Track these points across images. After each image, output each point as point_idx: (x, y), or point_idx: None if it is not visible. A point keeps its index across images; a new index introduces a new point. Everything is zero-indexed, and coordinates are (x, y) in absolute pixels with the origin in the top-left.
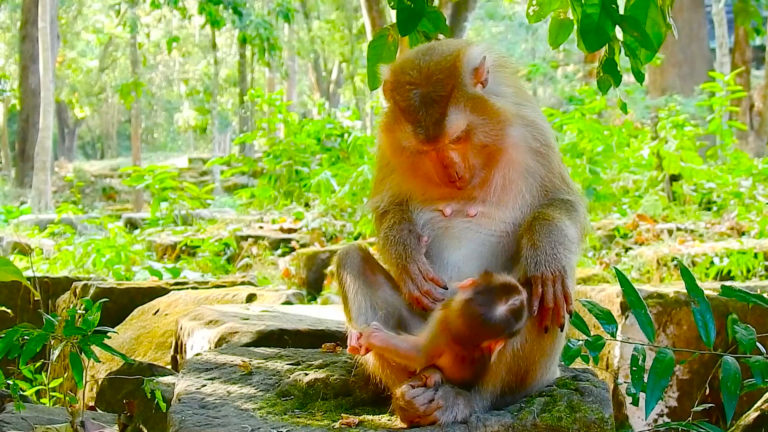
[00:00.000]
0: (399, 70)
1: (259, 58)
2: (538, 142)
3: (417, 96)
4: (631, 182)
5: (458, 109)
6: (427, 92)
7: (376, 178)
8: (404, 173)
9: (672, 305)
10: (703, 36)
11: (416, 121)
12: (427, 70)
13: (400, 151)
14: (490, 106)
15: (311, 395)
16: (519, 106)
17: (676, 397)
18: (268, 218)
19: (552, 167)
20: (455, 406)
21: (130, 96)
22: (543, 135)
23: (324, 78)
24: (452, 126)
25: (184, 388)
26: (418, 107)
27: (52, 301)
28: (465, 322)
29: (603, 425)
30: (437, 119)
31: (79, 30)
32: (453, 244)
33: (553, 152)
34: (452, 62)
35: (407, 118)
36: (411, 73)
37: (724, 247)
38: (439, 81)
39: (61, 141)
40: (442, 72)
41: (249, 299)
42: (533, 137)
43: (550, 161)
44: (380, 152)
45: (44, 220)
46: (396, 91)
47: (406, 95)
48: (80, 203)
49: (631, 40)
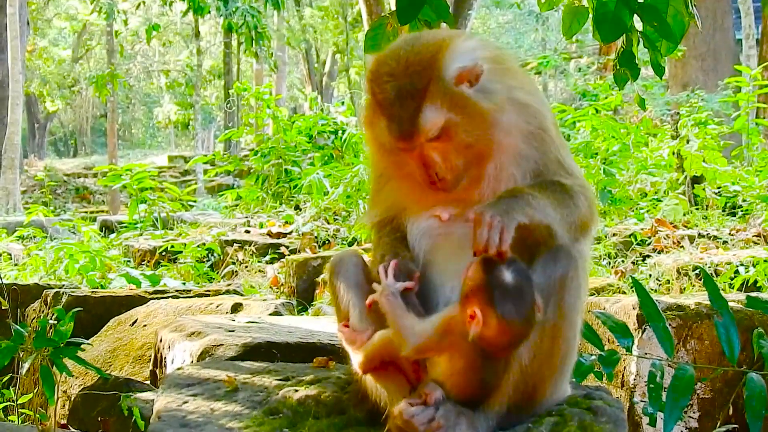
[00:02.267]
0: (381, 59)
1: (246, 49)
2: (531, 125)
3: (393, 88)
4: (649, 185)
5: (435, 105)
6: (403, 85)
7: (372, 190)
8: (391, 174)
9: (693, 318)
10: (728, 26)
11: (391, 115)
12: (405, 61)
13: (383, 148)
14: (472, 104)
15: (301, 414)
16: (512, 89)
17: (696, 417)
18: (256, 222)
19: (547, 150)
20: (457, 426)
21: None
22: (536, 117)
23: (316, 70)
24: (427, 122)
25: (164, 405)
26: (393, 100)
27: (21, 310)
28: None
29: None
30: (411, 114)
31: (50, 17)
32: (455, 253)
33: (549, 135)
34: (433, 53)
35: (382, 112)
36: (390, 64)
37: (750, 255)
38: (416, 73)
39: (31, 137)
40: (420, 63)
41: (234, 309)
42: (525, 120)
43: (544, 144)
44: (371, 159)
45: (12, 223)
46: (374, 82)
47: (383, 87)
48: (51, 204)
49: (650, 30)
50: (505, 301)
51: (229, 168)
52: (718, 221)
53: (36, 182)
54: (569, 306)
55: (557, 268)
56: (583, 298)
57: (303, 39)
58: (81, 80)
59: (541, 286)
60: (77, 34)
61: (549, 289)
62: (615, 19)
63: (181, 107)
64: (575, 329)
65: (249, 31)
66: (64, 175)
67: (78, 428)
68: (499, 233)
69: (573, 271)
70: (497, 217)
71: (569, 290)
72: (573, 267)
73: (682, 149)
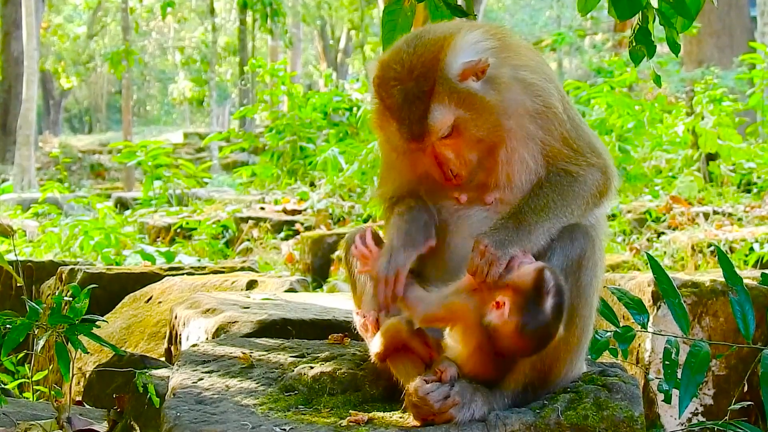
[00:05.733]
0: (385, 64)
1: (261, 25)
2: (536, 103)
3: (401, 93)
4: (664, 161)
5: (442, 104)
6: (410, 88)
7: (383, 165)
8: (407, 168)
9: (708, 295)
10: (743, 3)
11: (400, 119)
12: (409, 64)
13: (396, 150)
14: (479, 99)
15: (317, 390)
16: (517, 69)
17: (711, 394)
18: (270, 198)
19: (552, 129)
20: (473, 402)
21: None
22: (540, 95)
23: (331, 47)
24: (436, 123)
25: (180, 381)
26: (402, 104)
27: (36, 287)
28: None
29: (632, 424)
30: (420, 116)
31: None
32: (473, 234)
33: (553, 111)
34: (435, 54)
35: (392, 116)
36: (395, 68)
37: (764, 233)
38: (421, 75)
39: (46, 113)
40: (424, 65)
41: (249, 286)
42: (530, 99)
43: (550, 122)
44: (382, 148)
45: (27, 200)
46: (382, 88)
47: (391, 92)
48: (66, 181)
49: (666, 7)
50: (531, 318)
51: (244, 145)
52: (732, 198)
53: (51, 159)
54: (586, 285)
55: (575, 247)
56: (599, 276)
57: (318, 15)
58: (96, 57)
59: (559, 266)
60: (92, 10)
61: (567, 269)
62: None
63: (196, 84)
64: (591, 307)
65: (264, 8)
66: (79, 152)
67: (93, 405)
68: (488, 265)
69: (590, 250)
70: (491, 249)
71: (586, 269)
72: (590, 246)
73: (697, 126)
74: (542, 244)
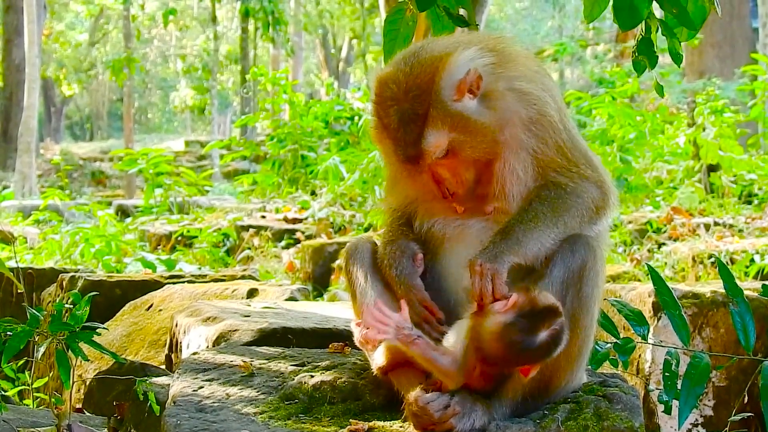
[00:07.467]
0: (383, 82)
1: (263, 33)
2: (530, 112)
3: (396, 113)
4: (665, 172)
5: (436, 127)
6: (405, 109)
7: (387, 179)
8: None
9: (708, 306)
10: (744, 14)
11: (396, 140)
12: (405, 85)
13: (394, 163)
14: (474, 122)
15: (317, 399)
16: (512, 80)
17: (712, 405)
18: (271, 207)
19: (547, 138)
20: (473, 412)
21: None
22: (536, 104)
23: (333, 56)
24: (431, 146)
25: (180, 389)
26: (398, 126)
27: (37, 294)
28: (503, 347)
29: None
30: (415, 139)
31: (67, 0)
32: (472, 244)
33: (548, 120)
34: (430, 76)
35: (388, 135)
36: (392, 87)
37: (765, 244)
38: (416, 98)
39: (47, 121)
40: (419, 87)
41: (250, 295)
42: (525, 108)
43: (544, 130)
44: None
45: (28, 207)
46: (380, 106)
47: (387, 111)
48: (67, 188)
49: (669, 17)
50: (521, 335)
51: (246, 153)
52: (733, 209)
53: (52, 166)
54: (587, 295)
55: (576, 258)
56: (600, 286)
57: (320, 24)
58: (98, 64)
59: (561, 278)
60: (94, 18)
61: (568, 279)
62: (632, 6)
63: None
64: (592, 318)
65: (266, 16)
66: (80, 159)
67: (93, 412)
68: (490, 281)
69: (591, 260)
70: (487, 265)
71: (587, 280)
72: (591, 257)
73: (698, 137)
74: (535, 254)
